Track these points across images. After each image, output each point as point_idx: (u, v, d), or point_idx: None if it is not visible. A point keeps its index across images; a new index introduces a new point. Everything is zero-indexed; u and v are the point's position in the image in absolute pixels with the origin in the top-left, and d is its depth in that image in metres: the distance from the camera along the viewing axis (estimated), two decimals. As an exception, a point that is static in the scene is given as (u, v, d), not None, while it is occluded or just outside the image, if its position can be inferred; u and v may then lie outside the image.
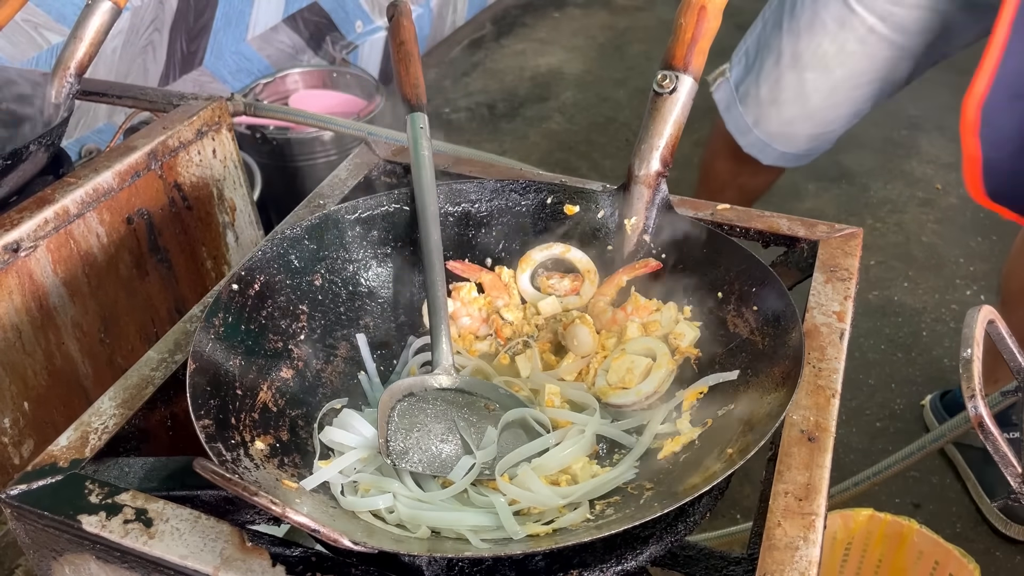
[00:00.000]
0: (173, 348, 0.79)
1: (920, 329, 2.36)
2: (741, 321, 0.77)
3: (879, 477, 1.40)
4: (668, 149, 0.86)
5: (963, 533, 1.85)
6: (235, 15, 2.56)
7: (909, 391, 2.18)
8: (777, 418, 0.61)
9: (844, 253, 0.87)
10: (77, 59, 1.09)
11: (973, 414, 0.60)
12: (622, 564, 0.64)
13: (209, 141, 1.13)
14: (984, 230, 2.76)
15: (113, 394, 0.74)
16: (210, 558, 0.60)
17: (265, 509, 0.53)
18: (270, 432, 0.72)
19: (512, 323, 0.88)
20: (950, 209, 2.87)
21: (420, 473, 0.71)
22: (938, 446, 1.34)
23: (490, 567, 0.65)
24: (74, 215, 0.97)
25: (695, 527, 0.67)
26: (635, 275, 0.88)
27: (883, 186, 2.99)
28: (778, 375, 0.67)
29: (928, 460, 2.00)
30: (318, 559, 0.60)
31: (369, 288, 0.88)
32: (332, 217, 0.87)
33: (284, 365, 0.78)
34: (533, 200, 0.91)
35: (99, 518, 0.63)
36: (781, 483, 0.64)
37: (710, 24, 0.87)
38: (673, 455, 0.71)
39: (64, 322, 0.98)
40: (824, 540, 1.34)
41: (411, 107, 0.93)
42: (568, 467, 0.72)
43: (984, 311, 0.65)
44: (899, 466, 1.37)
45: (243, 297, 0.78)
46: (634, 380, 0.79)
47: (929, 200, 2.92)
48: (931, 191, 2.96)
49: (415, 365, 0.85)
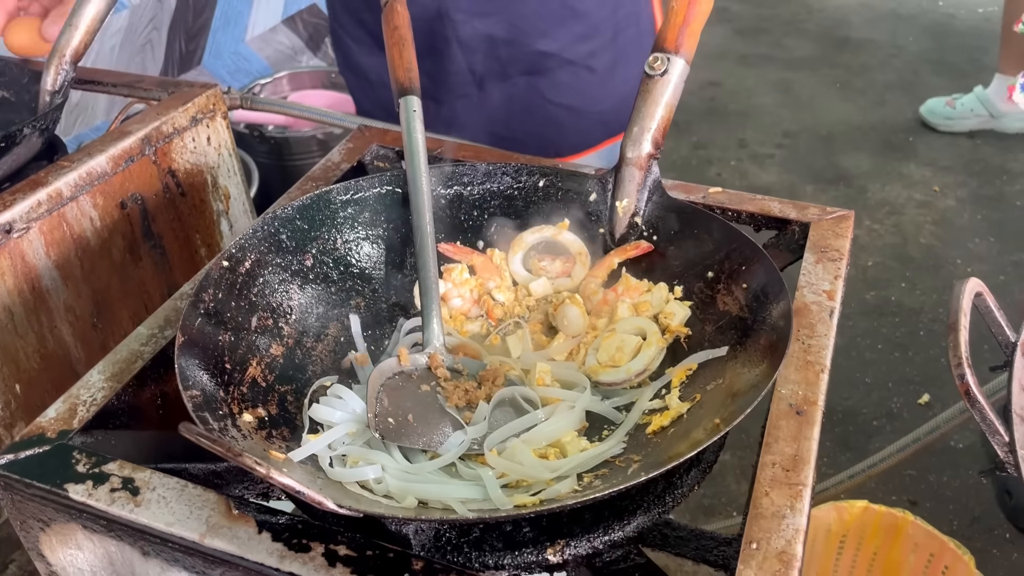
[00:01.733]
0: (163, 324, 0.79)
1: (917, 329, 2.36)
2: (731, 299, 0.77)
3: (874, 469, 1.40)
4: (660, 131, 0.86)
5: (960, 531, 1.84)
6: (234, 15, 2.58)
7: (906, 390, 2.18)
8: (762, 388, 0.61)
9: (835, 235, 0.87)
10: (73, 46, 1.09)
11: (960, 382, 0.60)
12: (609, 535, 0.64)
13: (204, 128, 1.14)
14: (982, 232, 2.76)
15: (102, 368, 0.74)
16: (196, 525, 0.60)
17: (249, 469, 0.53)
18: (259, 405, 0.72)
19: (503, 304, 0.88)
20: (948, 211, 2.88)
21: (409, 447, 0.71)
22: (933, 438, 1.34)
23: (478, 539, 0.65)
24: (67, 198, 0.97)
25: (682, 499, 0.67)
26: (627, 257, 0.88)
27: (881, 188, 2.99)
28: (765, 346, 0.67)
29: (925, 458, 1.99)
30: (304, 526, 0.60)
31: (361, 269, 0.88)
32: (324, 198, 0.87)
33: (274, 342, 0.78)
34: (525, 183, 0.92)
35: (86, 487, 0.63)
36: (769, 454, 0.64)
37: (701, 7, 0.87)
38: (662, 429, 0.71)
39: (57, 305, 0.99)
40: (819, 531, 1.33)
41: (404, 90, 0.93)
42: (557, 441, 0.72)
43: (971, 283, 0.65)
44: (895, 458, 1.37)
45: (233, 275, 0.78)
46: (624, 358, 0.79)
47: (927, 202, 2.92)
48: (929, 193, 2.97)
49: (405, 345, 0.85)
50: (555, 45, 1.33)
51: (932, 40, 4.00)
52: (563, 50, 1.34)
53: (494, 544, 0.64)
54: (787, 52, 3.99)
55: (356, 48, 1.45)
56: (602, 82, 1.38)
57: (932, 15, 4.31)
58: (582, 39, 1.34)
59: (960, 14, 4.30)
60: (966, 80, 3.58)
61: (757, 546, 0.58)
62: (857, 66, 3.83)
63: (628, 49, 1.39)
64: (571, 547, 0.63)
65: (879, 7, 4.44)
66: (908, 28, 4.16)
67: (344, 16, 1.45)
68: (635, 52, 1.39)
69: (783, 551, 0.58)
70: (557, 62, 1.35)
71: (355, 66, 1.48)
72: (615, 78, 1.38)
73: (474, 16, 1.31)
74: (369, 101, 1.50)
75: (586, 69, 1.36)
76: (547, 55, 1.33)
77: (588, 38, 1.34)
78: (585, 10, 1.32)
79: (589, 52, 1.35)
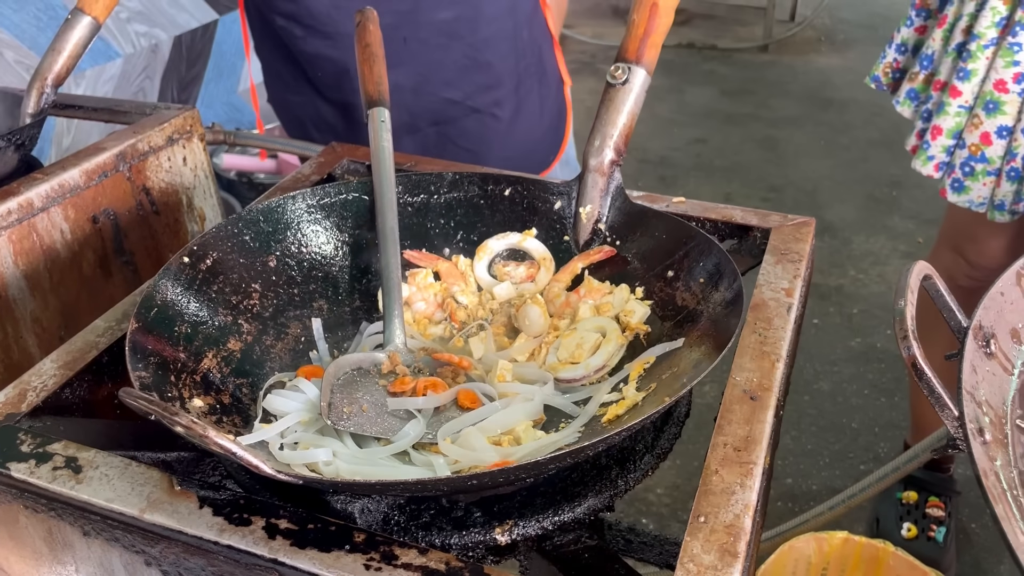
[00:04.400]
0: (121, 317, 0.79)
1: (903, 375, 2.35)
2: (689, 294, 0.78)
3: (854, 500, 1.38)
4: (622, 138, 0.88)
5: (949, 574, 1.81)
6: (227, 68, 2.63)
7: (892, 435, 2.16)
8: (710, 362, 0.61)
9: (795, 239, 0.88)
10: (55, 71, 1.12)
11: (906, 354, 0.59)
12: (559, 515, 0.63)
13: (180, 148, 1.15)
14: None
15: (56, 357, 0.73)
16: (136, 501, 0.59)
17: (186, 430, 0.52)
18: (211, 394, 0.71)
19: (467, 307, 0.88)
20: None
21: (362, 435, 0.70)
22: (914, 467, 1.33)
23: (427, 523, 0.63)
24: (38, 208, 0.98)
25: (635, 483, 0.66)
26: (590, 262, 0.88)
27: (865, 239, 3.02)
28: (715, 327, 0.67)
29: (912, 501, 1.97)
30: (246, 502, 0.59)
31: (325, 272, 0.88)
32: (290, 202, 0.88)
33: (232, 337, 0.78)
34: (491, 191, 0.93)
35: (28, 465, 0.62)
36: (720, 436, 0.64)
37: (662, 20, 0.90)
38: (617, 418, 0.70)
39: (23, 315, 0.98)
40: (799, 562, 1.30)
41: (373, 102, 0.95)
42: (512, 430, 0.71)
43: (919, 266, 0.66)
44: (873, 488, 1.36)
45: (194, 270, 0.79)
46: (584, 355, 0.79)
47: (911, 253, 2.95)
48: (912, 244, 3.00)
49: (368, 346, 0.84)
50: (460, 94, 1.39)
51: (914, 101, 4.09)
52: (467, 98, 1.40)
53: (443, 526, 0.63)
54: (772, 111, 4.07)
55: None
56: (507, 129, 1.45)
57: (914, 78, 4.42)
58: (485, 89, 1.40)
59: (941, 77, 4.40)
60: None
61: (705, 519, 0.57)
62: (841, 124, 3.90)
63: (530, 98, 1.46)
64: (520, 527, 0.62)
65: (861, 70, 4.54)
66: (891, 90, 4.26)
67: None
68: (537, 101, 1.48)
69: (731, 524, 0.57)
70: (463, 110, 1.41)
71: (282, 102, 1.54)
72: (519, 125, 1.46)
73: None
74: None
75: (491, 116, 1.43)
76: (453, 103, 1.40)
77: (491, 88, 1.41)
78: (487, 61, 1.38)
79: (493, 101, 1.42)
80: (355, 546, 0.56)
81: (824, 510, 1.40)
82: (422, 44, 1.35)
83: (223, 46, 2.59)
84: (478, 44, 1.37)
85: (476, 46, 1.37)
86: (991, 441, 0.59)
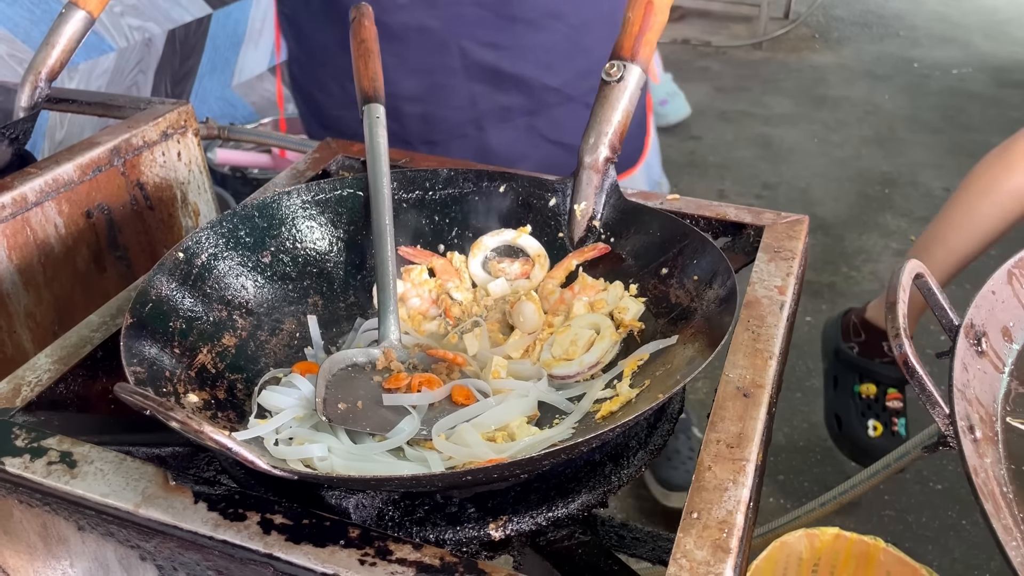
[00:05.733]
0: (115, 313, 0.79)
1: (895, 372, 2.36)
2: (683, 292, 0.78)
3: (845, 497, 1.38)
4: (616, 136, 0.88)
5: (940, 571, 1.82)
6: (221, 62, 2.63)
7: (884, 431, 2.17)
8: (703, 359, 0.61)
9: (788, 237, 0.88)
10: (49, 65, 1.11)
11: (898, 352, 0.60)
12: (553, 511, 0.63)
13: (174, 144, 1.15)
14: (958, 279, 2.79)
15: (50, 351, 0.73)
16: (131, 496, 0.59)
17: (181, 425, 0.52)
18: (206, 389, 0.71)
19: (461, 303, 0.88)
20: (924, 259, 2.91)
21: (357, 431, 0.71)
22: (904, 463, 1.33)
23: (421, 518, 0.64)
24: (32, 203, 0.98)
25: (629, 479, 0.66)
26: (585, 259, 0.89)
27: (858, 237, 3.03)
28: (709, 325, 0.67)
29: (904, 498, 1.98)
30: (241, 497, 0.59)
31: (320, 268, 0.88)
32: (285, 197, 0.88)
33: (227, 333, 0.78)
34: (486, 188, 0.93)
35: (23, 460, 0.62)
36: (714, 432, 0.64)
37: (657, 18, 0.90)
38: (611, 414, 0.70)
39: (17, 310, 0.98)
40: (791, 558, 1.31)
41: (368, 98, 0.95)
42: (506, 427, 0.71)
43: (911, 264, 0.66)
44: (865, 485, 1.36)
45: (188, 266, 0.79)
46: (577, 352, 0.79)
47: (903, 251, 2.95)
48: (905, 242, 3.00)
49: (362, 342, 0.85)
50: (559, 80, 1.34)
51: (907, 99, 4.10)
52: (566, 85, 1.35)
53: (437, 522, 0.63)
54: (766, 109, 4.08)
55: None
56: None
57: (907, 75, 4.42)
58: (584, 75, 1.35)
59: (935, 75, 4.41)
60: (940, 136, 3.66)
61: (698, 515, 0.57)
62: (834, 122, 3.91)
63: None
64: (513, 523, 0.62)
65: (855, 68, 4.55)
66: (884, 87, 4.26)
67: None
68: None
69: (724, 520, 0.57)
70: (559, 98, 1.36)
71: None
72: None
73: (485, 47, 1.32)
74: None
75: (584, 106, 1.36)
76: (550, 90, 1.35)
77: (589, 74, 1.34)
78: (589, 45, 1.34)
79: (589, 88, 1.33)
80: (350, 541, 0.56)
81: (815, 506, 1.40)
82: (528, 25, 1.30)
83: (217, 40, 2.58)
84: (579, 26, 1.33)
85: (578, 28, 1.33)
86: (981, 439, 0.60)
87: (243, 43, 2.70)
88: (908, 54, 4.71)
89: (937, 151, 3.61)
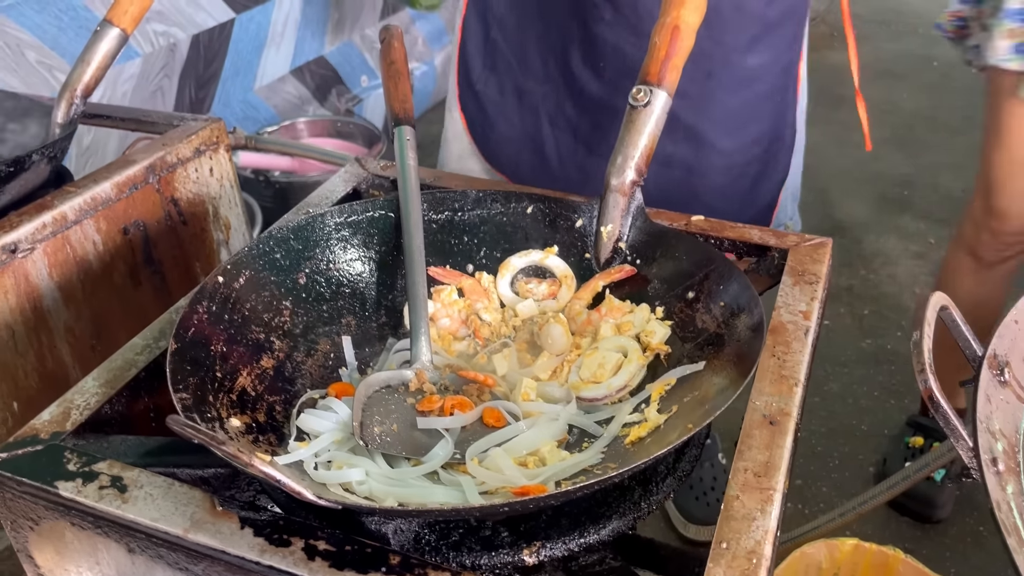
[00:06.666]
0: (158, 335, 0.81)
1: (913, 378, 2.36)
2: (709, 317, 0.80)
3: (865, 507, 1.40)
4: (643, 159, 0.89)
5: (957, 578, 1.83)
6: (244, 65, 2.65)
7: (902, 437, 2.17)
8: (733, 391, 0.63)
9: (813, 260, 0.90)
10: (84, 82, 1.14)
11: (923, 387, 0.61)
12: (585, 537, 0.65)
13: (207, 160, 1.18)
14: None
15: (97, 375, 0.76)
16: (180, 521, 0.62)
17: (230, 458, 0.54)
18: (247, 412, 0.74)
19: (490, 324, 0.90)
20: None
21: (393, 455, 0.73)
22: (924, 475, 1.35)
23: (456, 542, 0.66)
24: (71, 221, 1.01)
25: (657, 505, 0.68)
26: (611, 280, 0.90)
27: (876, 239, 3.02)
28: (738, 356, 0.69)
29: (921, 504, 1.99)
30: (286, 523, 0.61)
31: (353, 289, 0.90)
32: (319, 220, 0.90)
33: (265, 355, 0.81)
34: (514, 209, 0.95)
35: (75, 484, 0.65)
36: (741, 461, 0.66)
37: (683, 43, 0.91)
38: (640, 440, 0.72)
39: (57, 326, 1.01)
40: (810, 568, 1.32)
41: (399, 120, 0.97)
42: (537, 451, 0.73)
43: (936, 296, 0.67)
44: (884, 496, 1.38)
45: (228, 289, 0.81)
46: (605, 375, 0.81)
47: (922, 253, 2.95)
48: (924, 244, 3.00)
49: (394, 363, 0.87)
50: (731, 145, 1.29)
51: (927, 98, 4.08)
52: (735, 152, 1.30)
53: (472, 546, 0.65)
54: (785, 109, 4.07)
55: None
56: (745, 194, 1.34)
57: (927, 75, 4.40)
58: (753, 143, 1.31)
59: (954, 74, 4.38)
60: (961, 136, 3.64)
61: (727, 546, 0.59)
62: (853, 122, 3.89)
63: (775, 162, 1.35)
64: (547, 549, 0.64)
65: (874, 67, 4.52)
66: (903, 86, 4.24)
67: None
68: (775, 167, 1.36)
69: (752, 551, 0.59)
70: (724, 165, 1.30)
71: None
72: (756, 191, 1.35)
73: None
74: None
75: (741, 177, 1.32)
76: (719, 153, 1.29)
77: (755, 143, 1.31)
78: (761, 115, 1.30)
79: (748, 160, 1.32)
80: (391, 568, 0.58)
81: (835, 516, 1.42)
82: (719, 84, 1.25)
83: (240, 44, 2.61)
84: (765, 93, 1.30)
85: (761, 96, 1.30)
86: (1004, 471, 0.61)
87: (265, 46, 2.72)
88: (927, 52, 4.68)
89: (957, 152, 3.60)
